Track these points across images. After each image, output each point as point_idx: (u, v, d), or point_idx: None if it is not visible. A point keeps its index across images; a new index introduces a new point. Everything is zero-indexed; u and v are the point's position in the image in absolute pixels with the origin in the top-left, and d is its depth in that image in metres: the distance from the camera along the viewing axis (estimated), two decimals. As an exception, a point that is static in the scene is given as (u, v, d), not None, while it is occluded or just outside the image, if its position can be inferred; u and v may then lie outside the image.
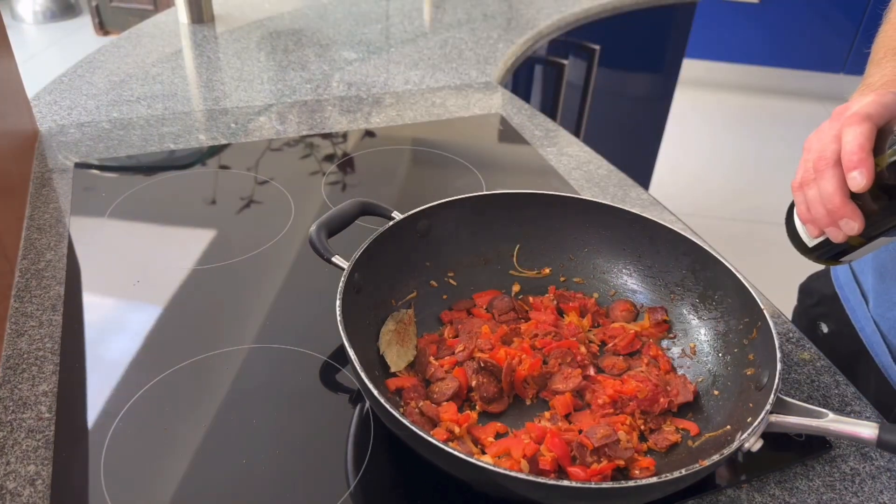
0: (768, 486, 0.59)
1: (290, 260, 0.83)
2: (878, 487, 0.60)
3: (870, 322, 0.79)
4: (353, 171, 1.03)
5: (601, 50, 1.76)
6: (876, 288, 0.78)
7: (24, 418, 0.61)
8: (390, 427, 0.54)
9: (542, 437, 0.58)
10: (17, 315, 0.72)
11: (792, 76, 3.74)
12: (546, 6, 1.73)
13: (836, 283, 0.88)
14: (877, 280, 0.78)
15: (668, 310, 0.72)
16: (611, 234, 0.75)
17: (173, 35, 1.49)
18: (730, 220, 2.76)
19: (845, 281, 0.85)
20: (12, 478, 0.56)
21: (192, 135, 1.09)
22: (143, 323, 0.72)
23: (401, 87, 1.30)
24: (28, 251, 0.81)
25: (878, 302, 0.78)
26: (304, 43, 1.48)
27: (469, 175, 1.03)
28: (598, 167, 1.06)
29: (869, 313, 0.80)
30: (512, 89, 1.43)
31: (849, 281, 0.85)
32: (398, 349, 0.67)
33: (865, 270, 0.81)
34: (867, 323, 0.80)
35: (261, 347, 0.70)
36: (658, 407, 0.62)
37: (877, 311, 0.78)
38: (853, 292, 0.83)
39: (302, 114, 1.18)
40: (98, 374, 0.66)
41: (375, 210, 0.74)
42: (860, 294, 0.82)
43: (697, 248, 0.70)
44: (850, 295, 0.84)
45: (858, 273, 0.83)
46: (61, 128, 1.09)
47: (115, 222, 0.88)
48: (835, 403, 0.68)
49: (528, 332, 0.70)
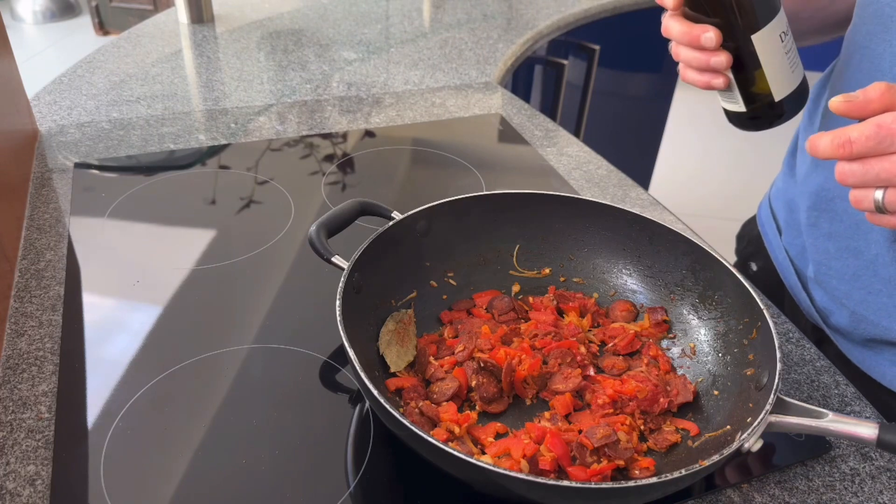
0: (768, 486, 0.59)
1: (290, 260, 0.83)
2: (878, 487, 0.60)
3: (781, 250, 0.88)
4: (353, 171, 1.03)
5: (601, 50, 1.76)
6: (786, 220, 0.87)
7: (24, 418, 0.61)
8: (390, 427, 0.54)
9: (541, 438, 0.58)
10: (17, 315, 0.72)
11: (792, 76, 3.73)
12: (546, 6, 1.73)
13: (759, 223, 0.97)
14: (787, 213, 0.87)
15: (668, 310, 0.72)
16: (611, 234, 0.75)
17: (173, 35, 1.49)
18: (730, 220, 2.75)
19: (766, 219, 0.94)
20: (12, 478, 0.56)
21: (192, 135, 1.09)
22: (143, 323, 0.72)
23: (401, 87, 1.30)
24: (28, 251, 0.81)
25: (787, 231, 0.87)
26: (304, 43, 1.48)
27: (469, 175, 1.03)
28: (597, 167, 1.06)
29: (781, 243, 0.89)
30: (512, 89, 1.44)
31: (768, 219, 0.94)
32: (398, 349, 0.67)
33: (780, 207, 0.90)
34: (779, 251, 0.89)
35: (261, 347, 0.70)
36: (658, 407, 0.62)
37: (787, 240, 0.87)
38: (771, 228, 0.92)
39: (302, 114, 1.18)
40: (98, 374, 0.66)
41: (375, 210, 0.74)
42: (776, 228, 0.91)
43: (697, 248, 0.70)
44: (769, 230, 0.93)
45: (776, 210, 0.92)
46: (61, 128, 1.09)
47: (115, 222, 0.88)
48: (835, 403, 0.68)
49: (528, 332, 0.70)
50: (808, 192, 0.78)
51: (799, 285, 0.85)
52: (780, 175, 0.93)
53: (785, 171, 0.91)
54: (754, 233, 0.98)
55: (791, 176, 0.88)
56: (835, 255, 0.75)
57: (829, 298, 0.78)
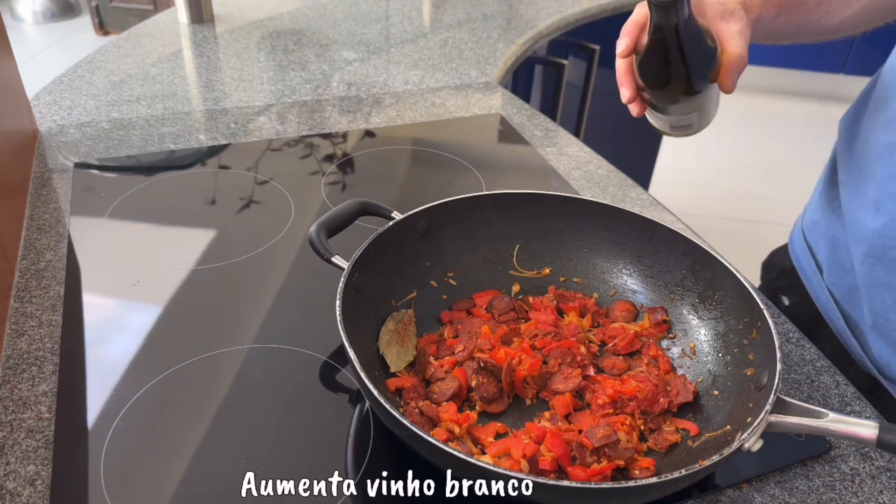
0: (768, 486, 0.59)
1: (290, 260, 0.83)
2: (878, 487, 0.60)
3: (824, 290, 0.84)
4: (353, 171, 1.03)
5: (601, 50, 1.76)
6: (829, 258, 0.83)
7: (24, 418, 0.61)
8: (390, 427, 0.54)
9: (541, 438, 0.58)
10: (17, 315, 0.72)
11: (792, 76, 3.74)
12: (546, 6, 1.73)
13: (793, 256, 0.92)
14: (829, 251, 0.82)
15: (668, 310, 0.72)
16: (611, 234, 0.75)
17: (173, 35, 1.49)
18: (730, 220, 2.76)
19: (801, 254, 0.90)
20: (12, 478, 0.56)
21: (192, 135, 1.09)
22: (143, 323, 0.72)
23: (401, 87, 1.30)
24: (28, 251, 0.81)
25: (831, 271, 0.82)
26: (304, 43, 1.48)
27: (469, 175, 1.03)
28: (597, 167, 1.06)
29: (823, 282, 0.84)
30: (512, 89, 1.43)
31: (804, 253, 0.89)
32: (398, 349, 0.67)
33: (819, 243, 0.85)
34: (822, 291, 0.84)
35: (261, 347, 0.70)
36: (658, 407, 0.62)
37: (830, 280, 0.83)
38: (808, 263, 0.87)
39: (302, 114, 1.18)
40: (98, 374, 0.66)
41: (375, 210, 0.74)
42: (815, 265, 0.86)
43: (697, 248, 0.70)
44: (806, 266, 0.88)
45: (813, 245, 0.87)
46: (61, 128, 1.09)
47: (115, 222, 0.88)
48: (835, 403, 0.68)
49: (528, 332, 0.70)
50: (863, 237, 0.73)
51: (847, 331, 0.80)
52: (816, 205, 0.87)
53: (822, 202, 0.85)
54: (786, 265, 0.92)
55: (831, 210, 0.82)
56: (892, 307, 0.71)
57: (892, 350, 0.74)
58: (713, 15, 0.64)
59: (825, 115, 3.67)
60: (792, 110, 3.67)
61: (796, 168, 3.13)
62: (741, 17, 0.65)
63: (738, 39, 0.64)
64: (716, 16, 0.64)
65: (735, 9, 0.65)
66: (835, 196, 0.82)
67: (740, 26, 0.64)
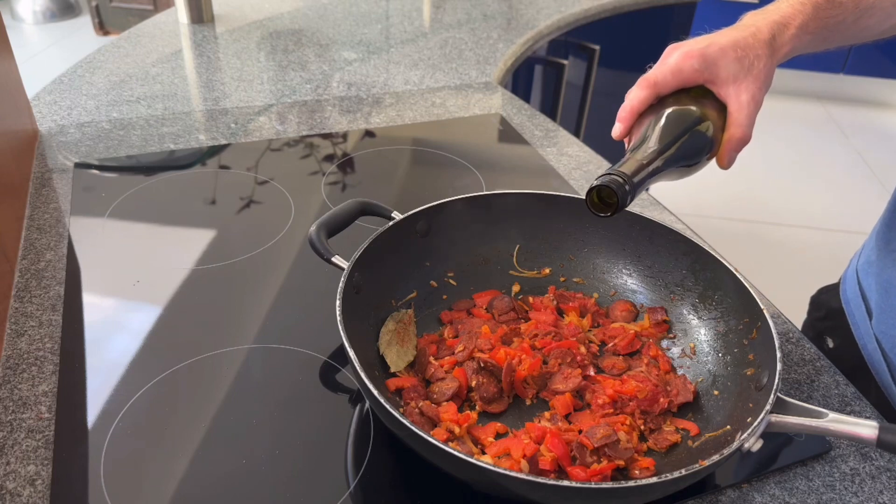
0: (768, 486, 0.59)
1: (290, 260, 0.83)
2: (878, 487, 0.60)
3: (872, 339, 0.78)
4: (353, 171, 1.03)
5: (601, 50, 1.76)
6: (880, 304, 0.77)
7: (24, 418, 0.61)
8: (390, 427, 0.54)
9: (541, 438, 0.58)
10: (17, 315, 0.72)
11: (792, 76, 3.74)
12: (546, 6, 1.73)
13: (843, 298, 0.86)
14: (881, 296, 0.77)
15: (668, 310, 0.72)
16: (611, 234, 0.75)
17: (173, 35, 1.49)
18: (730, 220, 2.76)
19: (852, 296, 0.84)
20: (12, 478, 0.56)
21: (192, 135, 1.09)
22: (143, 323, 0.72)
23: (401, 87, 1.30)
24: (28, 251, 0.81)
25: (881, 318, 0.77)
26: (304, 43, 1.48)
27: (469, 175, 1.03)
28: (598, 167, 1.06)
29: (872, 329, 0.78)
30: (512, 89, 1.44)
31: (855, 296, 0.83)
32: (398, 349, 0.67)
33: (871, 286, 0.79)
34: (869, 339, 0.79)
35: (261, 347, 0.70)
36: (658, 407, 0.62)
37: (879, 328, 0.77)
38: (858, 307, 0.82)
39: (302, 114, 1.18)
40: (98, 374, 0.66)
41: (375, 210, 0.74)
42: (865, 310, 0.80)
43: (697, 248, 0.70)
44: (856, 310, 0.82)
45: (865, 288, 0.81)
46: (61, 128, 1.09)
47: (115, 222, 0.88)
48: (835, 403, 0.68)
49: (528, 332, 0.70)
50: None
51: (893, 385, 0.75)
52: (872, 246, 0.81)
53: (879, 244, 0.79)
54: (834, 306, 0.87)
55: (888, 253, 0.77)
56: None
57: None
58: (726, 77, 0.60)
59: (825, 115, 3.67)
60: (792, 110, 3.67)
61: (796, 168, 3.14)
62: (758, 73, 0.60)
63: (745, 111, 0.60)
64: (728, 78, 0.60)
65: (754, 63, 0.60)
66: (893, 238, 0.76)
67: (753, 90, 0.60)
